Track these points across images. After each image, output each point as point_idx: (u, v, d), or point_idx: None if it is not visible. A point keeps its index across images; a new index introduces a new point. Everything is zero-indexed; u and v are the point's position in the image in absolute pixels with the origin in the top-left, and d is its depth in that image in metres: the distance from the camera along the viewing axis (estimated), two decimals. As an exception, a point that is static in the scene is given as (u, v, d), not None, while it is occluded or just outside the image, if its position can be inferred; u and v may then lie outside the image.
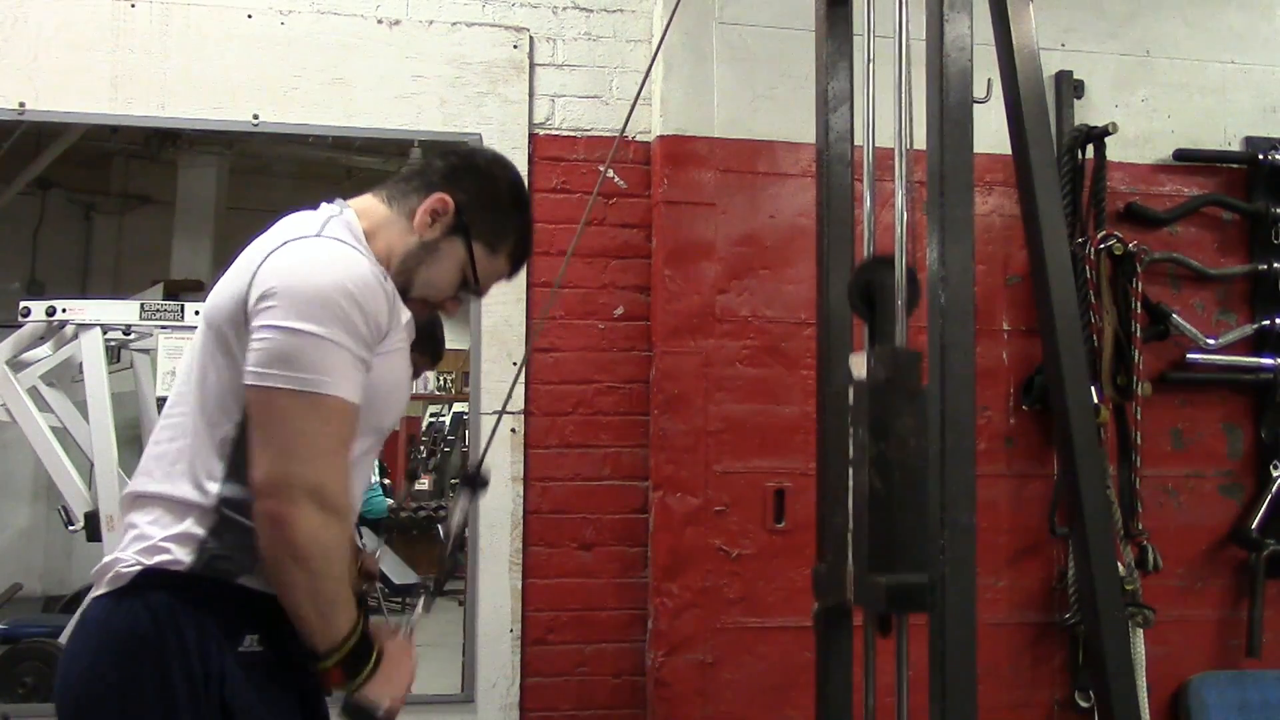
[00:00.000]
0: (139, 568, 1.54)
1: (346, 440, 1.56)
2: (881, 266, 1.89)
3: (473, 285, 1.77)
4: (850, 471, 1.82)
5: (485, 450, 2.28)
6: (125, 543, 1.59)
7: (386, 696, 1.61)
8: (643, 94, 3.44)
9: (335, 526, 1.53)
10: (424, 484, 8.23)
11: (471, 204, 1.74)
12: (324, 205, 1.73)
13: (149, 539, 1.56)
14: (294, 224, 1.67)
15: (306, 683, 1.68)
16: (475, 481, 2.06)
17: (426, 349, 2.76)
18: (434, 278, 1.74)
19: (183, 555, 1.54)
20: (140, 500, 1.61)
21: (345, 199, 1.76)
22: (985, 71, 1.91)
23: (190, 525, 1.56)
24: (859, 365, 1.81)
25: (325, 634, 1.55)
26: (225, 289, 1.62)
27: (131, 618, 1.52)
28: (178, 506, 1.57)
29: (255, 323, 1.53)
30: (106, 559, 1.59)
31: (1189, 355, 3.53)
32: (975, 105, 1.84)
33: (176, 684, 1.50)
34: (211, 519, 1.56)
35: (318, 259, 1.58)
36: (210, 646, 1.53)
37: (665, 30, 2.58)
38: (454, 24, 3.37)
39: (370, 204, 1.75)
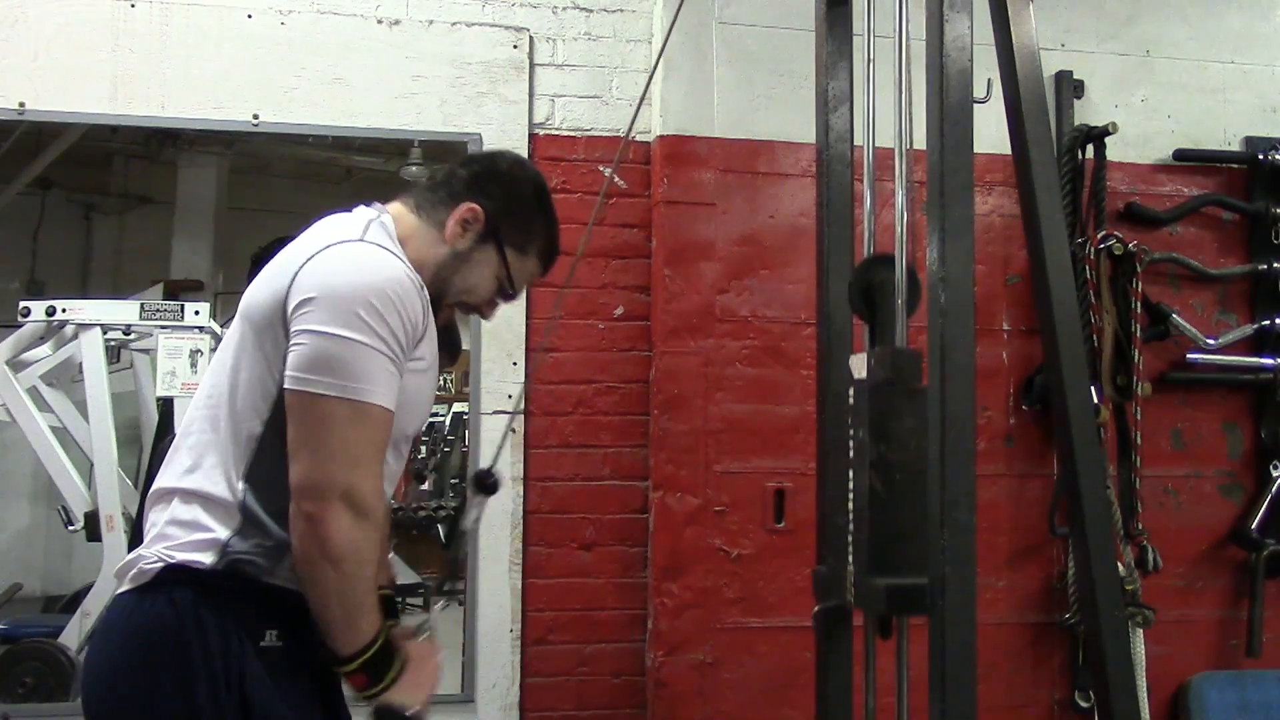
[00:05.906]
0: (162, 564, 1.56)
1: (381, 447, 1.58)
2: (881, 266, 1.88)
3: (507, 288, 1.81)
4: (850, 473, 1.81)
5: (499, 453, 2.30)
6: (149, 540, 1.61)
7: (413, 700, 1.64)
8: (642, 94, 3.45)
9: (368, 529, 1.55)
10: (425, 484, 8.22)
11: (499, 210, 1.77)
12: (362, 208, 1.74)
13: (171, 538, 1.58)
14: (335, 227, 1.68)
15: (327, 678, 1.69)
16: (485, 485, 2.01)
17: (444, 347, 2.78)
18: (470, 284, 1.78)
19: (203, 557, 1.56)
20: (167, 495, 1.63)
21: (383, 203, 1.77)
22: (985, 71, 1.91)
23: (213, 525, 1.57)
24: (859, 366, 1.80)
25: (350, 638, 1.57)
26: (263, 288, 1.63)
27: (154, 612, 1.55)
28: (204, 503, 1.59)
29: (295, 326, 1.55)
30: (130, 556, 1.62)
31: (1189, 355, 3.53)
32: (975, 105, 1.84)
33: (198, 677, 1.52)
34: (236, 518, 1.58)
35: (359, 264, 1.59)
36: (232, 641, 1.55)
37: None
38: (454, 24, 3.37)
39: (400, 211, 1.77)
